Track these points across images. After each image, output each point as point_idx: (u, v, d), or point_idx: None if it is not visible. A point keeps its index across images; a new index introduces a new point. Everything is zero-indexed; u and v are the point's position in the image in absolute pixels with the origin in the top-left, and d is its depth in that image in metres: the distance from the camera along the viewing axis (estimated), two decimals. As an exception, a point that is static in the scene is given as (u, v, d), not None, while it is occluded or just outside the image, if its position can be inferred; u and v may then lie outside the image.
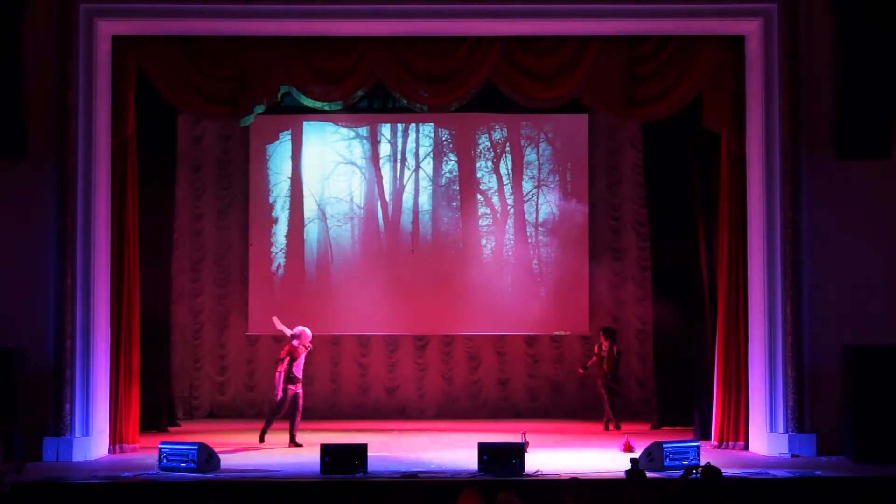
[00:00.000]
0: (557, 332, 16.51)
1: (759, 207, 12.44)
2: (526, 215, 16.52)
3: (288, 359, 13.17)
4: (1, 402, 11.40)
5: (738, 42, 12.63)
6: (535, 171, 16.54)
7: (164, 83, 12.64)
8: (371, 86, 13.03)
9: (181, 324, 16.24)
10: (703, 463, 9.40)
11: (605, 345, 14.85)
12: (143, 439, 12.83)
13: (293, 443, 13.03)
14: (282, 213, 16.47)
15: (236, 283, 16.56)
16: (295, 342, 13.20)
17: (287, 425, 13.15)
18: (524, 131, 16.64)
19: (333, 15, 12.41)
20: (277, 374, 13.13)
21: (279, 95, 12.99)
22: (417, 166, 16.51)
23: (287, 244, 16.45)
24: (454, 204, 16.50)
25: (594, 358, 15.03)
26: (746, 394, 12.57)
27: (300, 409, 13.21)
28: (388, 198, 16.44)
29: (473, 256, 16.43)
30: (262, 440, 13.19)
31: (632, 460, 9.18)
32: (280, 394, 13.07)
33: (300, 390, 13.22)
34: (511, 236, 16.51)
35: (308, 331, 13.32)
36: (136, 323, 12.76)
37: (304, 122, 16.39)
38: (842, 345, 12.01)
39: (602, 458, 11.93)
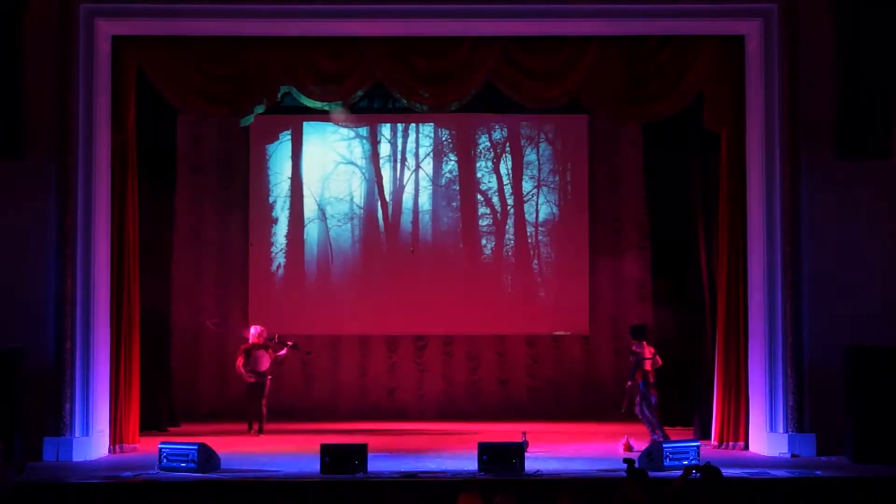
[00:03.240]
0: (558, 333, 16.50)
1: (759, 207, 12.44)
2: (526, 215, 16.52)
3: (243, 356, 14.31)
4: (1, 402, 11.41)
5: (738, 42, 12.63)
6: (535, 171, 16.53)
7: (164, 83, 12.64)
8: (371, 86, 13.04)
9: (181, 324, 16.23)
10: (702, 463, 9.38)
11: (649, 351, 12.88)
12: (143, 439, 12.83)
13: (259, 431, 14.06)
14: (282, 213, 16.46)
15: (236, 283, 16.55)
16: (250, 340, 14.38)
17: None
18: (524, 131, 16.63)
19: (333, 15, 12.41)
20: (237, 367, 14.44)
21: (279, 95, 13.00)
22: (417, 166, 16.50)
23: (287, 244, 16.44)
24: (454, 204, 16.49)
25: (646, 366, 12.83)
26: (746, 394, 12.57)
27: (263, 400, 14.22)
28: (388, 198, 16.44)
29: (473, 256, 16.43)
30: (250, 429, 14.13)
31: (626, 461, 9.17)
32: (248, 379, 14.24)
33: (264, 382, 14.24)
34: (511, 236, 16.51)
35: (253, 328, 14.48)
36: (136, 323, 12.76)
37: (304, 122, 16.37)
38: (842, 345, 12.00)
39: (602, 458, 11.92)
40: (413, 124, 16.45)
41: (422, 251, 16.41)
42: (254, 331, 14.48)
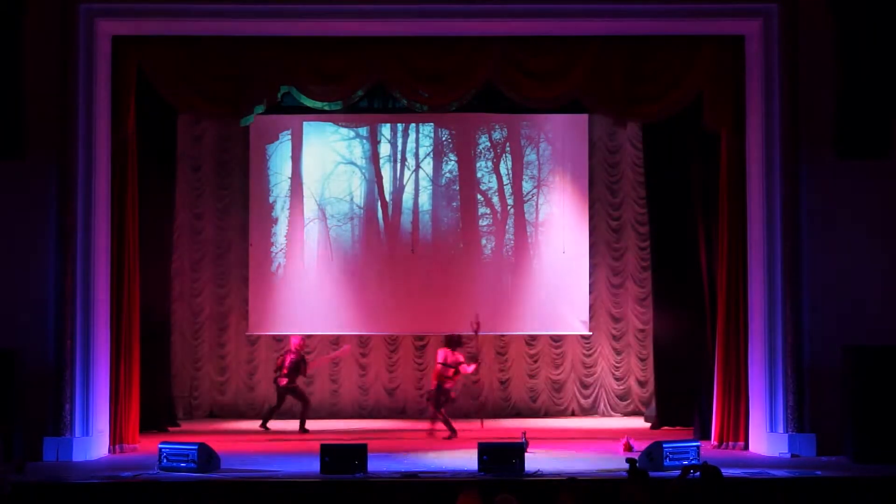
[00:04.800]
0: (558, 333, 16.51)
1: (759, 207, 12.44)
2: (526, 215, 16.52)
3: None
4: (1, 402, 11.40)
5: (738, 42, 12.63)
6: (535, 171, 16.53)
7: (164, 83, 12.64)
8: (371, 86, 13.04)
9: (181, 324, 16.24)
10: (701, 463, 9.38)
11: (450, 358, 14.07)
12: (143, 439, 12.83)
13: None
14: (282, 213, 16.46)
15: (236, 283, 16.56)
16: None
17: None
18: (524, 131, 16.63)
19: (333, 15, 12.41)
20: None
21: (279, 95, 13.00)
22: (417, 166, 16.50)
23: (287, 244, 16.44)
24: (454, 204, 16.49)
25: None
26: (746, 394, 12.56)
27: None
28: (388, 198, 16.44)
29: (473, 256, 16.43)
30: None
31: (628, 461, 9.17)
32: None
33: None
34: (511, 236, 16.51)
35: (294, 339, 15.06)
36: (136, 323, 12.76)
37: (304, 122, 16.38)
38: (842, 345, 12.00)
39: (602, 458, 11.93)
40: (413, 124, 16.45)
41: (422, 251, 16.41)
42: (296, 342, 14.88)
